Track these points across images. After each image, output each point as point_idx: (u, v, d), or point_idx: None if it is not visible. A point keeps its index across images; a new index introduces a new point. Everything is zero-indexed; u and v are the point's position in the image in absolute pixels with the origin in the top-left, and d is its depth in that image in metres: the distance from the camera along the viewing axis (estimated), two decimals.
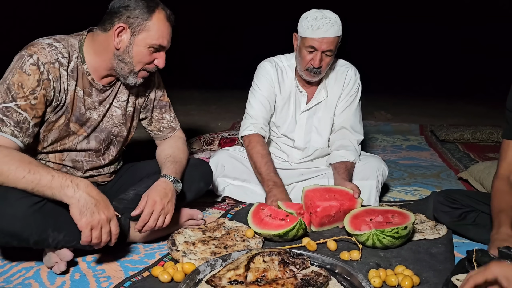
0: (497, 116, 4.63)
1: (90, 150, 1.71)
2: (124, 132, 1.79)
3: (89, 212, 1.37)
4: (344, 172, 2.07)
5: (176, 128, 1.95)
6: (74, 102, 1.61)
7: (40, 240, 1.44)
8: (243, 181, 2.17)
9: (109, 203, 1.44)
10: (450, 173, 2.78)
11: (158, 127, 1.91)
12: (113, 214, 1.43)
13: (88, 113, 1.66)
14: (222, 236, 1.74)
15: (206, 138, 3.22)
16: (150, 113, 1.88)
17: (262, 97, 2.23)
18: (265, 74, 2.24)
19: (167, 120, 1.92)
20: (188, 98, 5.84)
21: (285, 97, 2.24)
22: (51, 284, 1.45)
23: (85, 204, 1.37)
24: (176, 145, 1.88)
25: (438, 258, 1.62)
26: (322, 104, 2.23)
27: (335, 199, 1.85)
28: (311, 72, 2.09)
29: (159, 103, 1.89)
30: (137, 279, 1.46)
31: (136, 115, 1.84)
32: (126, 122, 1.79)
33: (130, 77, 1.64)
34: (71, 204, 1.37)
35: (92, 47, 1.61)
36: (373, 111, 4.77)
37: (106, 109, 1.70)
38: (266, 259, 1.47)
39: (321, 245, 1.71)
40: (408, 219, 1.71)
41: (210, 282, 1.40)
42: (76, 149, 1.67)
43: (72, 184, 1.38)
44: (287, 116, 2.26)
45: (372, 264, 1.59)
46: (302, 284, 1.34)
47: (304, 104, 2.24)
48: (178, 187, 1.71)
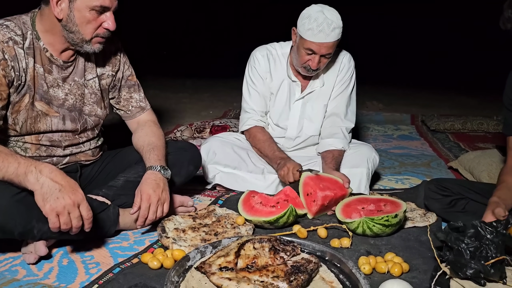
0: (488, 107, 4.67)
1: (66, 131, 1.69)
2: (98, 111, 1.76)
3: (52, 198, 1.33)
4: (331, 161, 2.07)
5: (146, 108, 1.91)
6: (35, 80, 1.58)
7: (25, 232, 1.41)
8: (234, 169, 2.16)
9: (78, 187, 1.39)
10: (440, 162, 2.79)
11: (126, 106, 1.87)
12: (82, 198, 1.37)
13: (52, 91, 1.63)
14: (212, 223, 1.73)
15: (197, 126, 3.20)
16: (118, 93, 1.85)
17: (256, 91, 2.23)
18: (257, 66, 2.22)
19: (136, 99, 1.88)
20: (180, 87, 5.78)
21: (277, 86, 2.22)
22: (39, 270, 1.43)
23: (48, 190, 1.33)
24: (151, 130, 1.85)
25: (427, 245, 1.62)
26: (316, 92, 2.22)
27: (329, 189, 1.85)
28: (308, 70, 2.08)
29: (127, 83, 1.86)
30: (126, 265, 1.45)
31: (106, 95, 1.81)
32: (98, 101, 1.76)
33: (85, 46, 1.59)
34: (35, 191, 1.33)
35: (42, 23, 1.58)
36: (365, 101, 4.78)
37: (71, 87, 1.67)
38: (257, 246, 1.47)
39: (311, 232, 1.71)
40: (400, 207, 1.71)
41: (200, 269, 1.39)
42: (52, 130, 1.65)
43: (36, 170, 1.34)
44: (280, 105, 2.24)
45: (362, 251, 1.59)
46: (293, 271, 1.34)
47: (298, 92, 2.23)
48: (167, 174, 1.69)
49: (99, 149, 1.86)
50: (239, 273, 1.35)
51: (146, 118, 1.90)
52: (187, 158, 1.90)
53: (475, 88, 5.77)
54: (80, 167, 1.79)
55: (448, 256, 1.34)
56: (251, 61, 2.26)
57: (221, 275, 1.35)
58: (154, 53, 7.55)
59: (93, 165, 1.85)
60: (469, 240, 1.33)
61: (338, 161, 2.09)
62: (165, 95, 5.09)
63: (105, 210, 1.61)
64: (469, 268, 1.27)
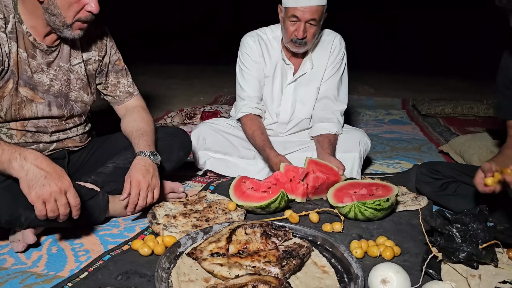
0: (478, 91, 4.68)
1: (52, 117, 1.65)
2: (84, 97, 1.73)
3: (38, 185, 1.29)
4: (328, 146, 2.05)
5: (134, 93, 1.87)
6: (19, 65, 1.54)
7: (12, 220, 1.39)
8: (224, 155, 2.14)
9: (64, 174, 1.36)
10: (431, 146, 2.80)
11: (114, 92, 1.83)
12: (69, 185, 1.34)
13: (36, 76, 1.59)
14: (203, 209, 1.72)
15: (187, 112, 3.17)
16: (105, 78, 1.81)
17: (251, 77, 2.19)
18: (249, 52, 2.19)
19: (124, 84, 1.84)
20: (170, 72, 5.72)
21: (271, 70, 2.20)
22: (27, 258, 1.41)
23: (33, 177, 1.30)
24: (139, 116, 1.82)
25: (419, 228, 1.62)
26: (308, 75, 2.20)
27: (322, 172, 1.85)
28: (295, 43, 2.04)
29: (114, 68, 1.82)
30: (117, 252, 1.43)
31: (92, 81, 1.77)
32: (84, 87, 1.72)
33: (65, 31, 1.54)
34: (20, 178, 1.30)
35: (24, 6, 1.52)
36: (356, 86, 4.76)
37: (56, 73, 1.63)
38: (248, 231, 1.46)
39: (303, 217, 1.71)
40: (391, 191, 1.71)
41: (191, 255, 1.38)
42: (37, 117, 1.61)
43: (20, 156, 1.31)
44: (274, 89, 2.22)
45: (354, 235, 1.59)
46: (284, 256, 1.34)
47: (290, 76, 2.20)
48: (157, 160, 1.67)
49: (87, 135, 1.83)
50: (230, 259, 1.35)
51: (135, 103, 1.87)
52: (177, 144, 1.87)
53: (465, 72, 5.78)
54: (68, 153, 1.75)
55: (439, 241, 1.34)
56: (242, 47, 2.22)
57: (212, 260, 1.34)
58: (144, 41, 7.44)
59: (81, 151, 1.82)
60: (458, 225, 1.34)
61: (334, 145, 2.08)
62: (154, 81, 5.03)
63: (94, 197, 1.59)
64: (461, 251, 1.27)
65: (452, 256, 1.28)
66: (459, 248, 1.27)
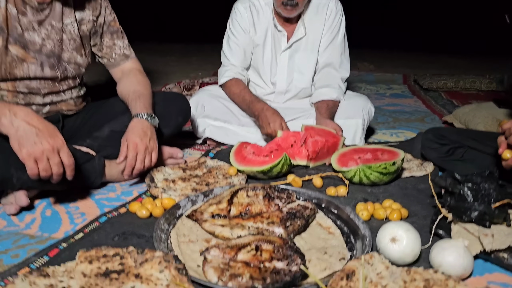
0: (478, 67, 4.62)
1: (45, 79, 1.58)
2: (78, 59, 1.65)
3: (29, 142, 1.23)
4: (326, 111, 2.00)
5: (130, 55, 1.80)
6: (8, 22, 1.46)
7: (3, 181, 1.33)
8: (224, 122, 2.07)
9: (57, 131, 1.30)
10: (434, 117, 2.74)
11: (110, 54, 1.76)
12: (62, 143, 1.28)
13: (27, 35, 1.51)
14: (203, 174, 1.66)
15: (186, 84, 3.10)
16: (100, 39, 1.73)
17: (237, 46, 2.14)
18: (239, 19, 2.12)
19: (120, 46, 1.77)
20: (167, 51, 5.63)
21: (261, 38, 2.13)
22: (20, 221, 1.36)
23: (24, 134, 1.24)
24: (136, 79, 1.75)
25: (426, 193, 1.58)
26: (303, 42, 2.12)
27: (319, 135, 1.79)
28: (286, 6, 1.97)
29: (109, 28, 1.74)
30: (114, 215, 1.38)
31: (86, 42, 1.69)
32: (78, 48, 1.65)
33: None
34: (9, 135, 1.24)
35: None
36: (356, 63, 4.68)
37: (48, 32, 1.55)
38: (250, 193, 1.41)
39: (306, 182, 1.65)
40: (398, 155, 1.65)
41: (191, 217, 1.33)
42: (29, 77, 1.54)
43: (10, 113, 1.25)
44: (265, 58, 2.15)
45: (360, 199, 1.54)
46: (288, 217, 1.29)
47: (284, 43, 2.13)
48: (155, 122, 1.61)
49: (81, 99, 1.76)
50: (232, 220, 1.30)
51: (131, 66, 1.79)
52: (176, 109, 1.81)
53: (465, 50, 5.71)
54: (63, 117, 1.69)
55: (449, 201, 1.29)
56: (233, 14, 2.15)
57: (213, 222, 1.29)
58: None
59: (76, 116, 1.75)
60: (469, 184, 1.29)
61: (333, 111, 2.02)
62: (152, 59, 4.93)
63: (89, 160, 1.53)
64: (473, 211, 1.22)
65: (463, 216, 1.23)
66: (471, 207, 1.22)
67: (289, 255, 1.09)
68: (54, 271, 1.02)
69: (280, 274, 1.04)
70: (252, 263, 1.08)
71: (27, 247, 1.21)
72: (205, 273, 1.07)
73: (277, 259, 1.08)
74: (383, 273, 1.04)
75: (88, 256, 1.06)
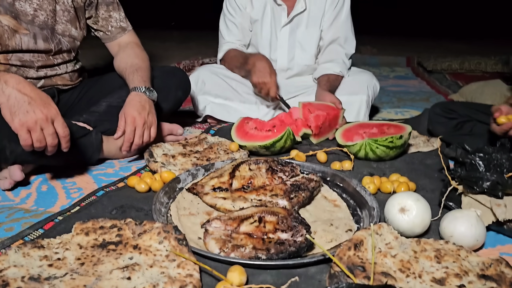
0: (480, 52, 4.54)
1: (39, 52, 1.52)
2: (72, 31, 1.60)
3: (21, 112, 1.18)
4: (326, 84, 1.95)
5: (127, 28, 1.74)
6: None
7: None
8: (225, 99, 2.01)
9: (50, 101, 1.24)
10: (439, 97, 2.69)
11: (106, 26, 1.70)
12: (56, 113, 1.23)
13: (18, 4, 1.45)
14: (204, 150, 1.61)
15: (186, 64, 3.05)
16: (95, 11, 1.68)
17: (233, 24, 2.09)
18: None
19: (116, 19, 1.71)
20: (167, 36, 5.56)
21: (259, 13, 2.06)
22: (15, 196, 1.31)
23: (16, 103, 1.18)
24: (133, 52, 1.69)
25: (433, 167, 1.54)
26: (305, 16, 2.06)
27: (319, 110, 1.74)
28: None
29: (105, 0, 1.68)
30: (111, 189, 1.33)
31: (81, 14, 1.64)
32: (72, 20, 1.59)
33: None
34: (1, 104, 1.18)
35: None
36: (358, 46, 4.62)
37: (40, 2, 1.49)
38: (253, 167, 1.36)
39: (310, 157, 1.60)
40: (404, 130, 1.60)
41: (192, 190, 1.29)
42: (22, 49, 1.48)
43: (0, 80, 1.19)
44: (264, 33, 2.09)
45: (366, 173, 1.49)
46: (292, 189, 1.24)
47: (284, 18, 2.06)
48: (153, 96, 1.55)
49: (77, 74, 1.70)
50: (234, 193, 1.25)
51: (128, 39, 1.74)
52: (175, 83, 1.75)
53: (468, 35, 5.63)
54: (58, 92, 1.63)
55: (459, 172, 1.24)
56: None
57: (215, 195, 1.24)
58: None
59: (72, 91, 1.70)
60: (481, 154, 1.24)
61: (334, 84, 1.97)
62: (150, 44, 4.84)
63: (86, 135, 1.48)
64: (485, 180, 1.17)
65: (475, 186, 1.18)
66: (483, 177, 1.17)
67: (294, 226, 1.04)
68: (49, 243, 0.98)
69: (285, 245, 0.99)
70: (255, 235, 1.04)
71: (21, 221, 1.16)
72: (206, 244, 1.03)
73: (281, 230, 1.04)
74: (392, 243, 0.99)
75: (85, 228, 1.02)
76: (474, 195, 1.21)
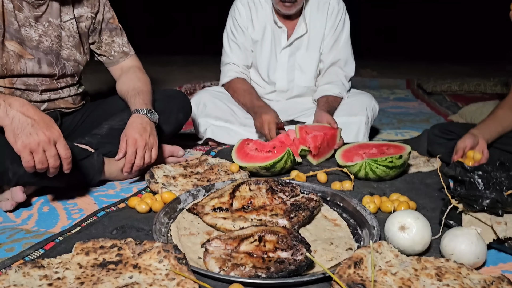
0: (481, 74, 4.59)
1: (43, 76, 1.56)
2: (77, 56, 1.64)
3: (24, 134, 1.19)
4: (324, 104, 1.98)
5: (130, 53, 1.78)
6: (5, 17, 1.44)
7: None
8: (226, 122, 2.04)
9: (53, 123, 1.26)
10: (439, 118, 2.71)
11: (109, 51, 1.74)
12: (58, 135, 1.24)
13: (24, 31, 1.49)
14: (205, 171, 1.62)
15: (187, 88, 3.09)
16: (99, 36, 1.72)
17: (236, 44, 2.12)
18: (237, 17, 2.11)
19: (119, 44, 1.75)
20: (169, 61, 5.65)
21: (259, 34, 2.10)
22: (16, 217, 1.32)
23: (19, 125, 1.20)
24: (135, 76, 1.72)
25: (433, 187, 1.54)
26: (305, 39, 2.10)
27: (316, 131, 1.77)
28: (285, 2, 1.95)
29: (108, 26, 1.72)
30: (112, 210, 1.34)
31: (85, 39, 1.68)
32: (77, 45, 1.63)
33: None
34: (4, 126, 1.20)
35: None
36: (358, 69, 4.67)
37: (45, 28, 1.54)
38: (253, 187, 1.37)
39: (311, 178, 1.61)
40: (404, 150, 1.61)
41: (192, 210, 1.29)
42: (27, 74, 1.51)
43: (5, 103, 1.21)
44: (263, 54, 2.12)
45: (366, 193, 1.49)
46: (292, 209, 1.24)
47: (284, 40, 2.10)
48: (154, 118, 1.57)
49: (80, 97, 1.73)
50: (234, 213, 1.25)
51: (130, 63, 1.77)
52: (176, 105, 1.78)
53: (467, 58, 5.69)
54: (61, 115, 1.66)
55: (459, 191, 1.25)
56: (232, 11, 2.14)
57: (215, 215, 1.24)
58: None
59: (75, 114, 1.72)
60: (480, 172, 1.24)
61: (333, 105, 2.00)
62: (153, 68, 4.90)
63: (88, 157, 1.49)
64: (485, 198, 1.17)
65: (474, 205, 1.18)
66: (483, 195, 1.18)
67: (294, 244, 1.04)
68: (49, 262, 0.98)
69: (285, 263, 0.99)
70: (255, 254, 1.04)
71: (22, 241, 1.17)
72: (206, 264, 1.03)
73: (281, 249, 1.04)
74: (392, 261, 0.99)
75: (85, 247, 1.02)
76: (474, 213, 1.21)
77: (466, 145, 1.56)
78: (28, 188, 1.40)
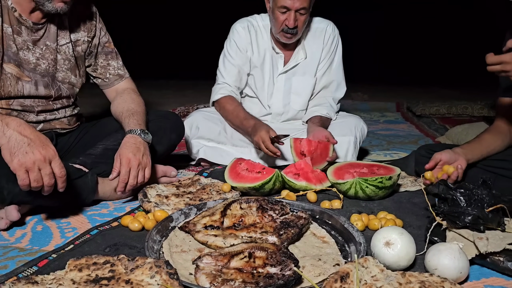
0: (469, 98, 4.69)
1: (39, 97, 1.60)
2: (72, 79, 1.68)
3: (21, 152, 1.22)
4: (319, 121, 2.06)
5: (124, 76, 1.83)
6: (4, 40, 1.50)
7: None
8: (218, 143, 2.08)
9: (49, 142, 1.29)
10: (428, 140, 2.76)
11: (104, 74, 1.79)
12: (54, 154, 1.27)
13: (22, 54, 1.54)
14: (197, 191, 1.65)
15: (181, 110, 3.14)
16: (94, 59, 1.77)
17: (232, 66, 2.16)
18: (237, 39, 2.15)
19: (114, 67, 1.80)
20: (163, 85, 5.72)
21: (259, 60, 2.16)
22: (10, 236, 1.34)
23: (16, 144, 1.23)
24: (130, 97, 1.77)
25: (420, 206, 1.58)
26: (301, 65, 2.16)
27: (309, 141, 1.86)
28: (286, 33, 2.01)
29: (104, 49, 1.78)
30: (105, 228, 1.36)
31: (81, 62, 1.73)
32: (72, 68, 1.68)
33: (47, 4, 1.48)
34: (1, 145, 1.24)
35: None
36: (349, 93, 4.75)
37: (43, 51, 1.59)
38: (244, 206, 1.40)
39: (300, 197, 1.64)
40: (394, 171, 1.66)
41: (184, 228, 1.32)
42: (23, 95, 1.56)
43: (2, 123, 1.25)
44: (264, 78, 2.18)
45: (354, 211, 1.53)
46: (282, 226, 1.28)
47: (281, 66, 2.17)
48: (148, 138, 1.61)
49: (75, 118, 1.77)
50: (225, 231, 1.28)
51: (125, 86, 1.82)
52: (169, 126, 1.82)
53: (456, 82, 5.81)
54: (56, 136, 1.69)
55: (442, 208, 1.29)
56: (231, 33, 2.20)
57: (206, 232, 1.27)
58: None
59: (70, 134, 1.76)
60: (462, 190, 1.29)
61: (325, 125, 2.06)
62: (147, 92, 4.96)
63: (82, 176, 1.52)
64: (466, 215, 1.21)
65: (457, 221, 1.22)
66: (464, 212, 1.22)
67: (283, 260, 1.07)
68: (42, 279, 1.00)
69: (274, 278, 1.02)
70: (245, 269, 1.07)
71: (16, 259, 1.18)
72: (197, 279, 1.05)
73: (270, 264, 1.07)
74: (378, 276, 1.02)
75: (78, 264, 1.05)
76: (457, 229, 1.24)
77: (442, 158, 1.63)
78: (23, 207, 1.43)
